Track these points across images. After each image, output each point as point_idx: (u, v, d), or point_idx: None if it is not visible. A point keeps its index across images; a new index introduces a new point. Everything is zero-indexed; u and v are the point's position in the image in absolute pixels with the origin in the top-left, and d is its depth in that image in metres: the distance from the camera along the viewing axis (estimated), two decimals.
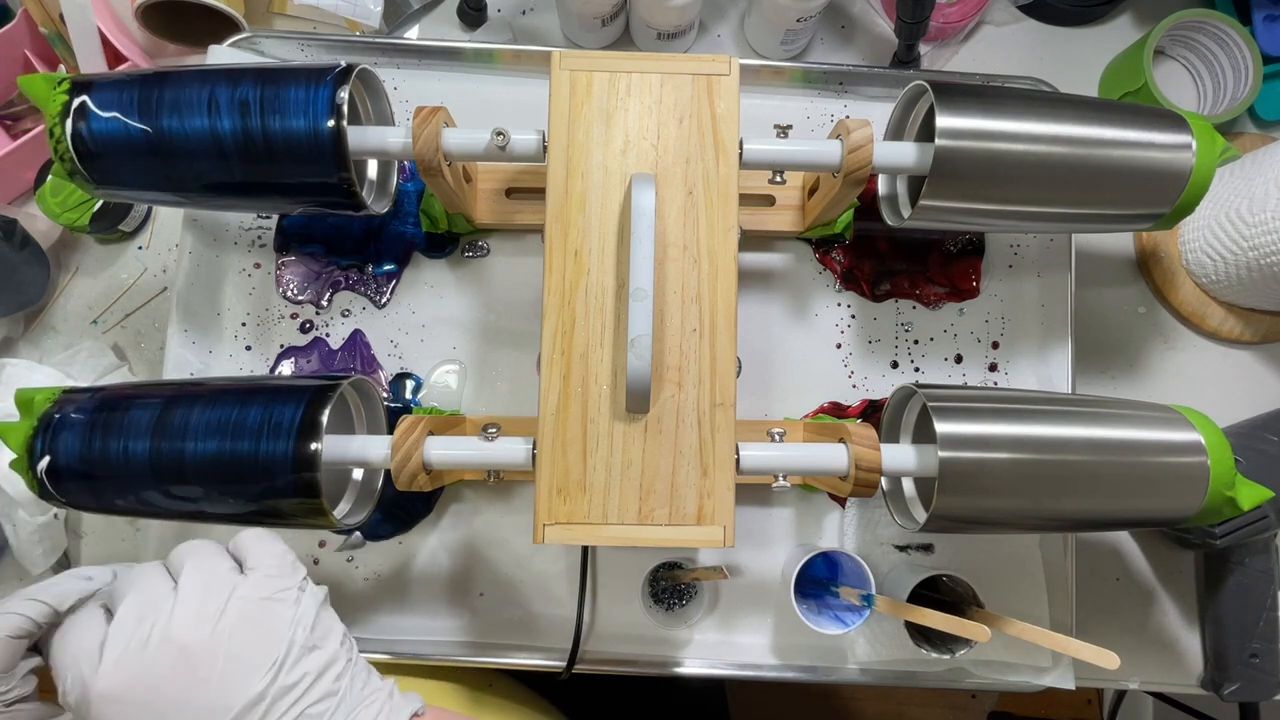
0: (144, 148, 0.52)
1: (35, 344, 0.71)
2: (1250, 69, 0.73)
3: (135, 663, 0.36)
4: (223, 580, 0.40)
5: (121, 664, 0.36)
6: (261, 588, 0.40)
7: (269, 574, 0.41)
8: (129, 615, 0.38)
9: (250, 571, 0.41)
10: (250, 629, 0.38)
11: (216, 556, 0.41)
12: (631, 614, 0.64)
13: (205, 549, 0.42)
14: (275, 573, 0.41)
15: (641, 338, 0.46)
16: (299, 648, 0.39)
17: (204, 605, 0.38)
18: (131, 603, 0.38)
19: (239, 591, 0.39)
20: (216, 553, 0.42)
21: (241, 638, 0.38)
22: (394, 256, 0.67)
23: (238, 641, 0.38)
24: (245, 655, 0.38)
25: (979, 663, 0.63)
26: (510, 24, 0.76)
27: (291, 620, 0.40)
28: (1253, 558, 0.67)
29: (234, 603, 0.39)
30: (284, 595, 0.40)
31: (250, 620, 0.38)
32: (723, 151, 0.53)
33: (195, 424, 0.49)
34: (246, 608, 0.39)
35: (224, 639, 0.37)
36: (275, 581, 0.40)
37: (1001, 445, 0.51)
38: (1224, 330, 0.73)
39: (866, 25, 0.79)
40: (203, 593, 0.39)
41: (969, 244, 0.69)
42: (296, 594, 0.41)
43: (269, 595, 0.40)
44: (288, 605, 0.40)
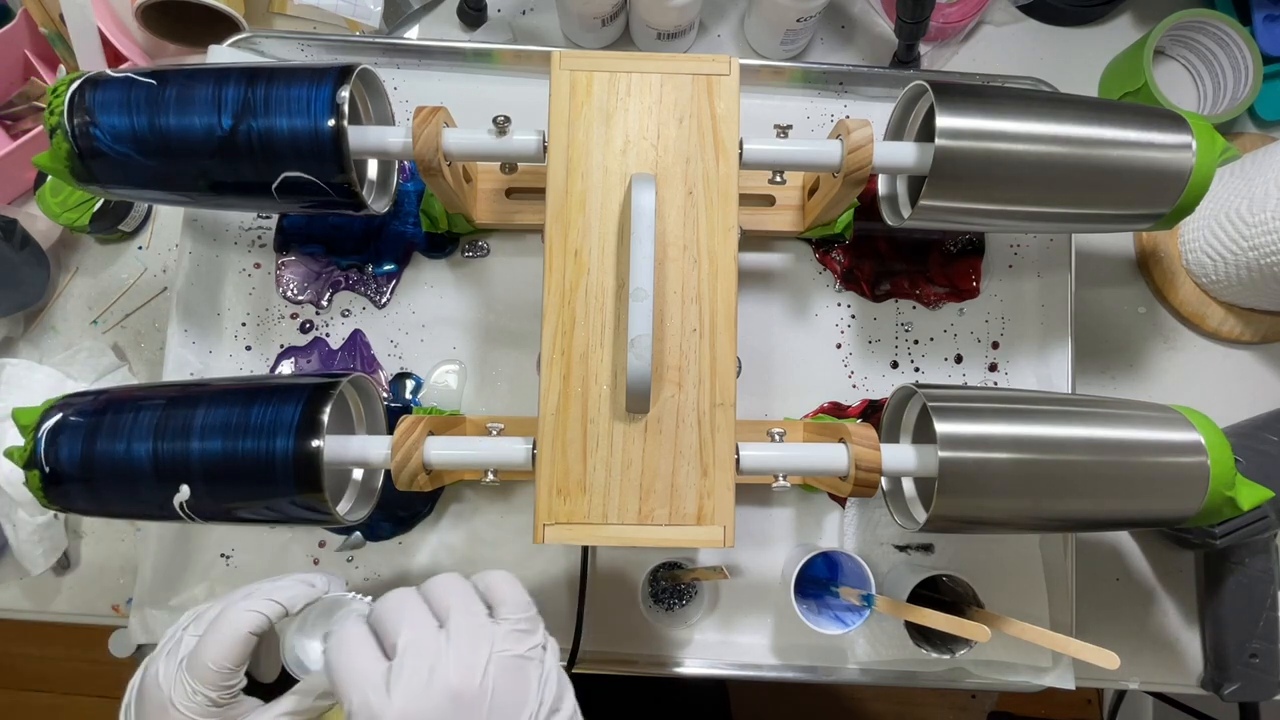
0: (144, 147, 0.52)
1: (35, 344, 0.71)
2: (1250, 69, 0.73)
3: (418, 703, 0.38)
4: (485, 631, 0.41)
5: (406, 701, 0.38)
6: (516, 643, 0.41)
7: (519, 628, 0.42)
8: (409, 652, 0.40)
9: (503, 622, 0.42)
10: (508, 685, 0.40)
11: (474, 600, 0.43)
12: (631, 614, 0.64)
13: (465, 590, 0.43)
14: (525, 626, 0.43)
15: (641, 338, 0.46)
16: (546, 709, 0.41)
17: (473, 655, 0.40)
18: (411, 640, 0.40)
19: (498, 645, 0.41)
20: (474, 596, 0.43)
21: (502, 693, 0.40)
22: (394, 256, 0.67)
23: (499, 697, 0.39)
24: (504, 709, 0.40)
25: (979, 663, 0.63)
26: (510, 24, 0.76)
27: (539, 680, 0.41)
28: (1253, 558, 0.67)
29: (496, 657, 0.40)
30: (533, 654, 0.42)
31: (507, 675, 0.40)
32: (723, 151, 0.53)
33: (196, 424, 0.49)
34: (505, 663, 0.40)
35: (488, 692, 0.39)
36: (526, 638, 0.42)
37: (1001, 445, 0.51)
38: (1224, 330, 0.73)
39: (866, 25, 0.79)
40: (470, 641, 0.40)
41: (969, 244, 0.69)
42: (541, 652, 0.43)
43: (522, 653, 0.41)
44: (535, 664, 0.42)
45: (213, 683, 0.43)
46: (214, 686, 0.43)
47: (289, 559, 0.64)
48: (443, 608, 0.42)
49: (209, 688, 0.43)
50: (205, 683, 0.43)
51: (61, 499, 0.51)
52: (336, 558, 0.65)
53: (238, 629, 0.43)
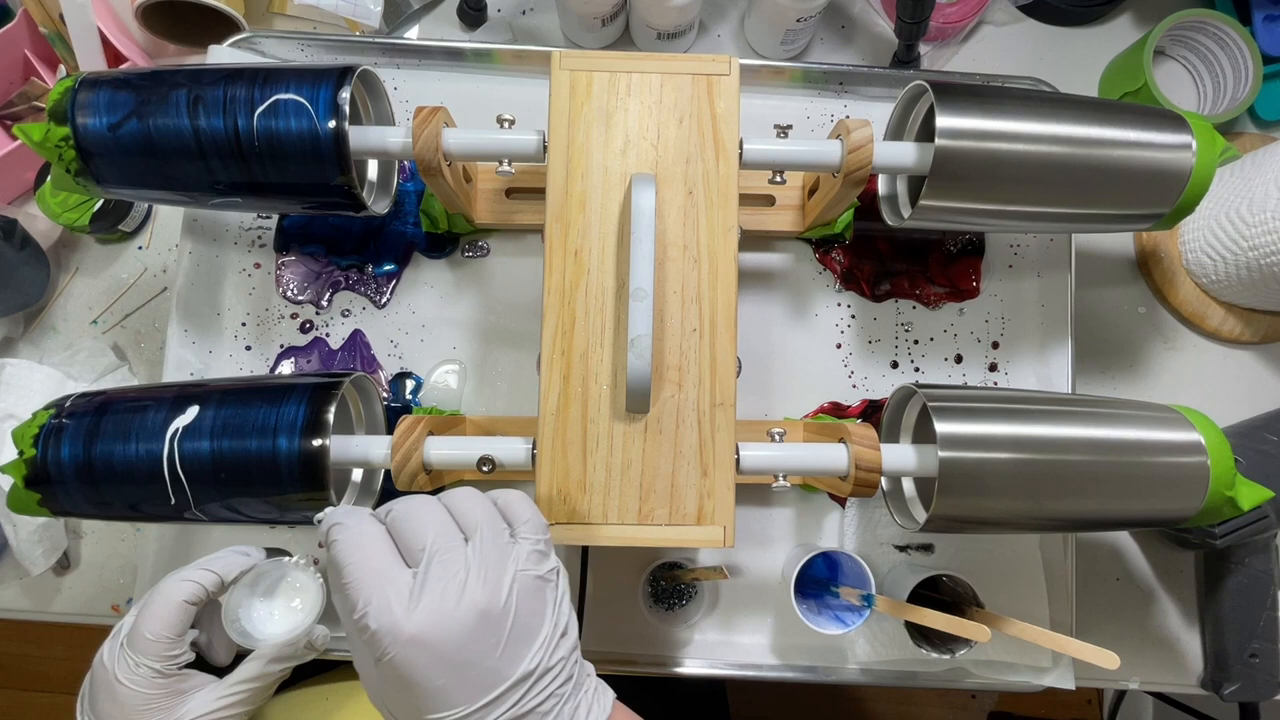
0: (143, 148, 0.52)
1: (35, 344, 0.71)
2: (1250, 69, 0.73)
3: (447, 615, 0.37)
4: (508, 551, 0.40)
5: (434, 614, 0.37)
6: (536, 564, 0.41)
7: (539, 549, 0.42)
8: (434, 565, 0.39)
9: (523, 541, 0.41)
10: (528, 605, 0.40)
11: (497, 518, 0.42)
12: (631, 614, 0.64)
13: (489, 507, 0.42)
14: (543, 548, 0.42)
15: (641, 338, 0.46)
16: (560, 631, 0.41)
17: (499, 575, 0.39)
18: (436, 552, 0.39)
19: (520, 565, 0.40)
20: (497, 514, 0.42)
21: (523, 613, 0.39)
22: (394, 256, 0.67)
23: (521, 616, 0.39)
24: (524, 631, 0.39)
25: (979, 663, 0.63)
26: (510, 24, 0.76)
27: (555, 603, 0.41)
28: (1253, 558, 0.67)
29: (518, 577, 0.40)
30: (550, 575, 0.41)
31: (528, 595, 0.40)
32: (723, 151, 0.53)
33: (199, 424, 0.49)
34: (526, 583, 0.40)
35: (511, 611, 0.39)
36: (544, 560, 0.41)
37: (1001, 445, 0.51)
38: (1224, 330, 0.73)
39: (866, 25, 0.79)
40: (496, 560, 0.40)
41: (969, 244, 0.69)
42: (556, 576, 0.42)
43: (541, 574, 0.41)
44: (552, 586, 0.41)
45: (153, 653, 0.43)
46: (155, 657, 0.43)
47: None
48: (469, 522, 0.41)
49: (150, 659, 0.43)
50: (146, 654, 0.43)
51: (57, 503, 0.51)
52: None
53: (171, 598, 0.44)
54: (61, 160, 0.53)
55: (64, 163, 0.53)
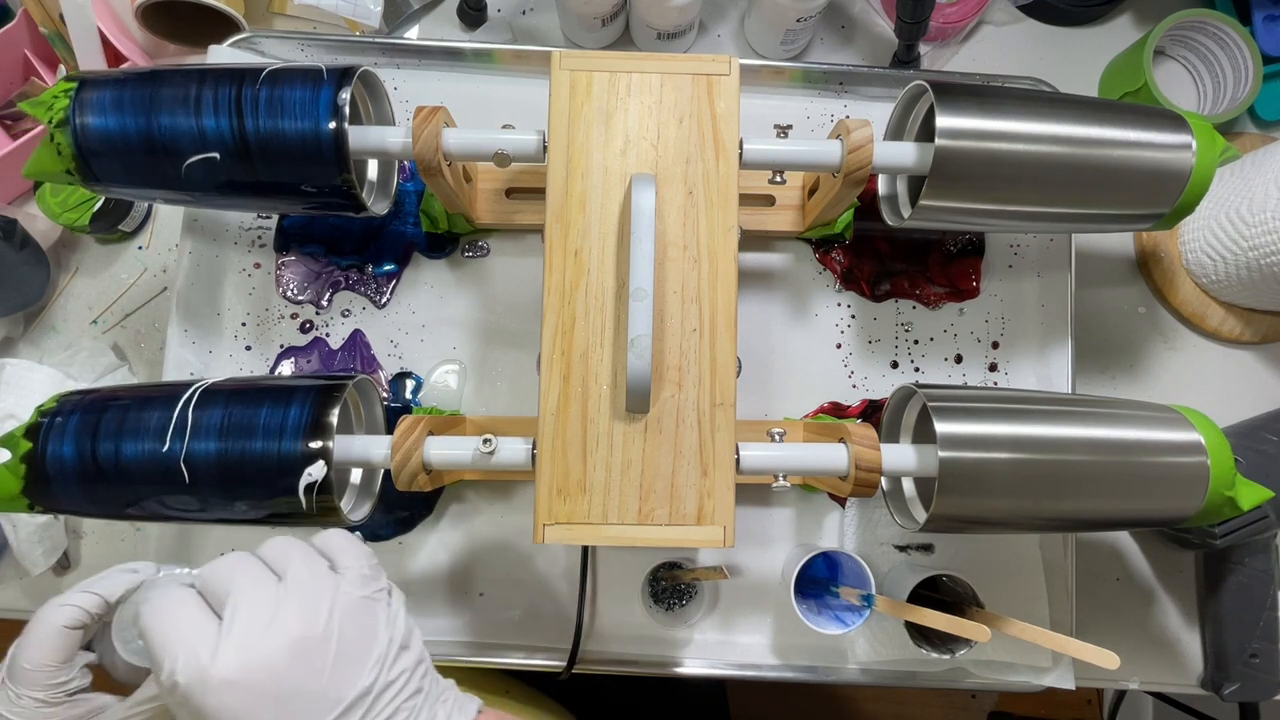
0: (144, 147, 0.52)
1: (35, 344, 0.71)
2: (1250, 69, 0.73)
3: (255, 651, 0.36)
4: (326, 578, 0.40)
5: (242, 651, 0.36)
6: (360, 587, 0.40)
7: (363, 573, 0.41)
8: (243, 605, 0.37)
9: (346, 570, 0.41)
10: (355, 625, 0.39)
11: (315, 555, 0.42)
12: (631, 614, 0.64)
13: (302, 547, 0.42)
14: (369, 572, 0.41)
15: (641, 338, 0.46)
16: (397, 645, 0.40)
17: (315, 602, 0.38)
18: (244, 592, 0.38)
19: (341, 588, 0.40)
20: (313, 551, 0.42)
21: (349, 634, 0.38)
22: (394, 256, 0.68)
23: (346, 637, 0.38)
24: (353, 651, 0.38)
25: (979, 663, 0.63)
26: (510, 24, 0.76)
27: (388, 619, 0.40)
28: (1253, 558, 0.67)
29: (340, 600, 0.39)
30: (379, 595, 0.41)
31: (354, 617, 0.39)
32: (723, 151, 0.53)
33: (201, 425, 0.49)
34: (350, 604, 0.39)
35: (334, 633, 0.38)
36: (370, 582, 0.41)
37: (1001, 445, 0.51)
38: (1224, 330, 0.73)
39: (866, 25, 0.79)
40: (312, 589, 0.39)
41: (969, 244, 0.69)
42: (387, 595, 0.42)
43: (368, 594, 0.40)
44: (382, 605, 0.41)
45: (35, 683, 0.41)
46: (38, 687, 0.41)
47: None
48: (280, 564, 0.40)
49: (33, 689, 0.41)
50: (26, 684, 0.41)
51: (55, 501, 0.51)
52: None
53: (51, 624, 0.42)
54: (60, 157, 0.53)
55: (61, 160, 0.53)
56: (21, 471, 0.50)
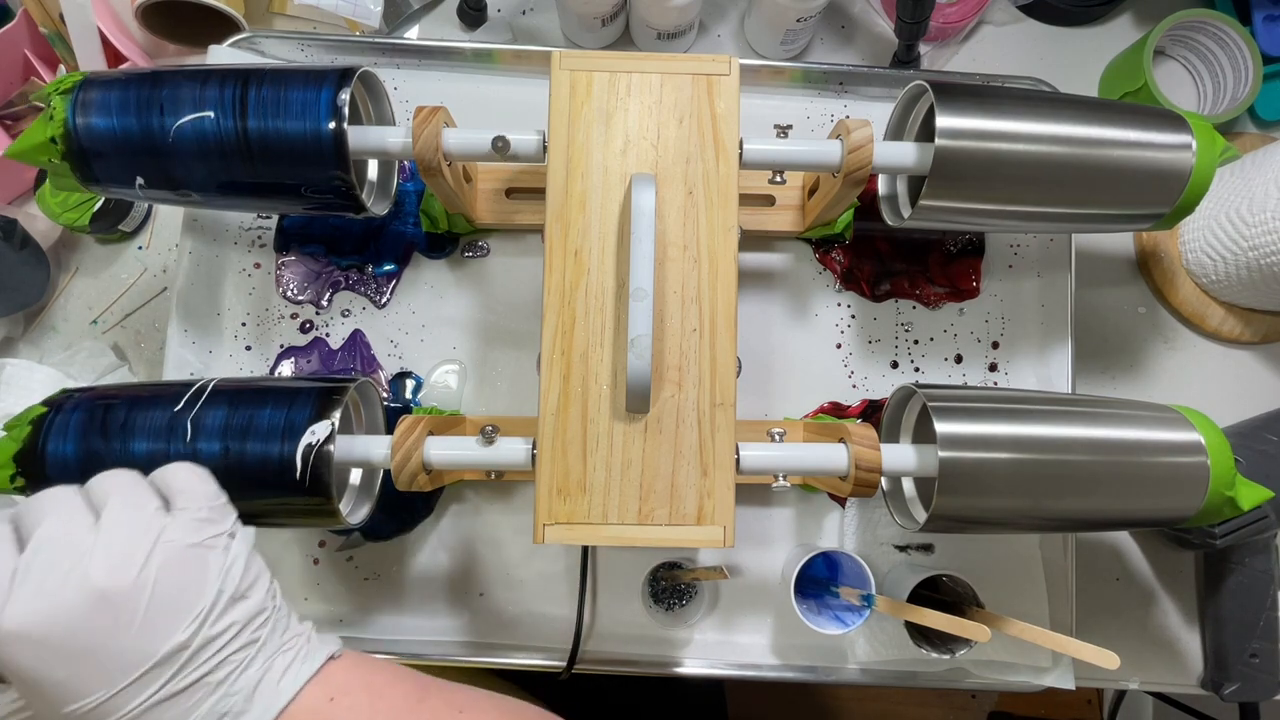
0: (143, 147, 0.52)
1: (35, 344, 0.71)
2: (1250, 69, 0.73)
3: (50, 602, 0.33)
4: (149, 522, 0.37)
5: (35, 602, 0.33)
6: (191, 532, 0.37)
7: (199, 516, 0.38)
8: (44, 549, 0.35)
9: (179, 513, 0.38)
10: (176, 576, 0.36)
11: (143, 493, 0.38)
12: (631, 614, 0.64)
13: (130, 483, 0.38)
14: (206, 515, 0.38)
15: (641, 338, 0.46)
16: (227, 597, 0.37)
17: (129, 549, 0.35)
18: (47, 536, 0.35)
19: (166, 535, 0.36)
20: (142, 488, 0.38)
21: (166, 586, 0.35)
22: (394, 256, 0.68)
23: (162, 590, 0.35)
24: (169, 604, 0.35)
25: (979, 663, 0.63)
26: (510, 24, 0.76)
27: (221, 569, 0.37)
28: (1253, 558, 0.67)
29: (160, 548, 0.36)
30: (215, 542, 0.38)
31: (177, 567, 0.36)
32: (723, 151, 0.53)
33: (202, 425, 0.49)
34: (173, 553, 0.36)
35: (147, 586, 0.35)
36: (206, 527, 0.38)
37: (1001, 445, 0.51)
38: (1224, 330, 0.73)
39: (866, 25, 0.79)
40: (127, 535, 0.36)
41: (969, 244, 0.69)
42: (227, 540, 0.38)
43: (199, 541, 0.37)
44: (218, 552, 0.38)
45: None
46: None
47: (289, 558, 0.64)
48: (100, 500, 0.37)
49: None
50: None
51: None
52: (336, 557, 0.65)
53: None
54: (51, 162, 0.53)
55: (63, 162, 0.53)
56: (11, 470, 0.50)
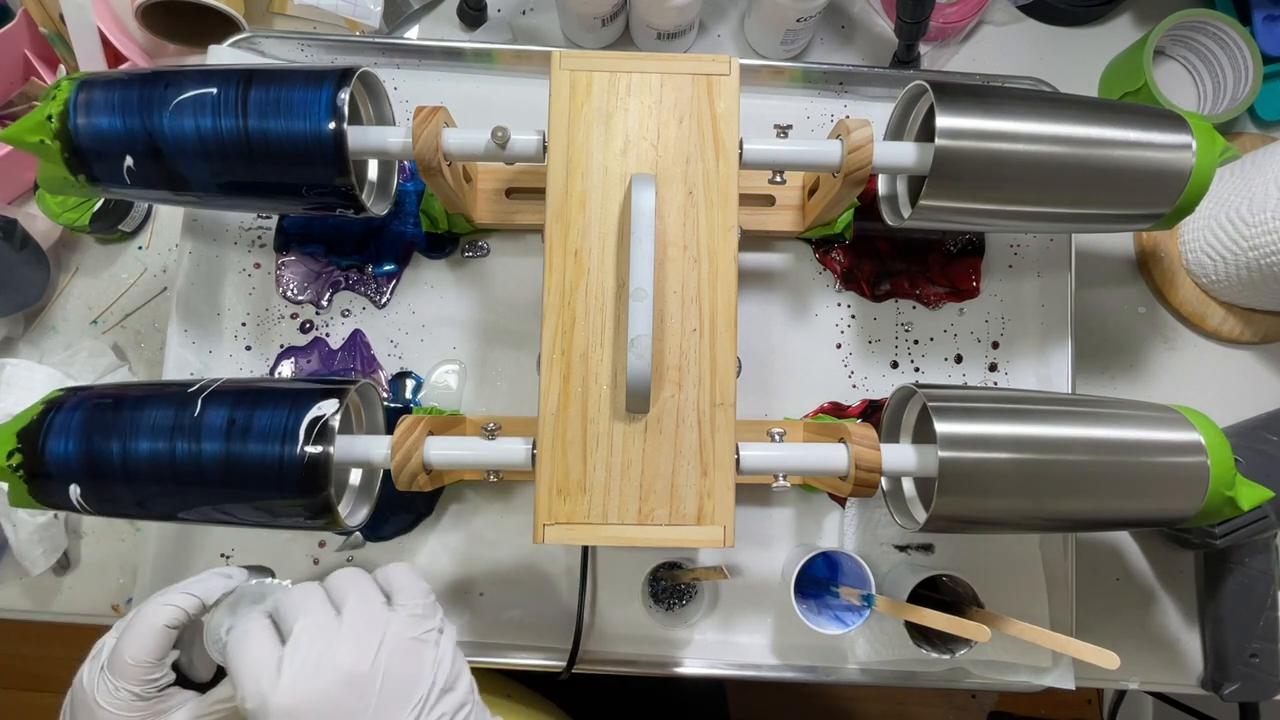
0: (143, 149, 0.52)
1: (35, 344, 0.71)
2: (1250, 69, 0.73)
3: (309, 683, 0.40)
4: (380, 616, 0.43)
5: (297, 682, 0.40)
6: (410, 627, 0.43)
7: (415, 613, 0.44)
8: (304, 637, 0.41)
9: (400, 608, 0.44)
10: (401, 665, 0.42)
11: (372, 590, 0.45)
12: (631, 614, 0.64)
13: (364, 581, 0.45)
14: (421, 612, 0.44)
15: (641, 338, 0.46)
16: (438, 690, 0.42)
17: (367, 638, 0.42)
18: (306, 626, 0.42)
19: (392, 628, 0.43)
20: (372, 586, 0.45)
21: (394, 673, 0.41)
22: (394, 256, 0.67)
23: (392, 676, 0.41)
24: (396, 689, 0.41)
25: (979, 663, 0.63)
26: (510, 24, 0.76)
27: (434, 662, 0.43)
28: (1253, 558, 0.67)
29: (389, 639, 0.42)
30: (428, 636, 0.44)
31: (401, 657, 0.42)
32: (723, 151, 0.53)
33: (201, 425, 0.49)
34: (399, 645, 0.42)
35: (380, 671, 0.41)
36: (421, 622, 0.44)
37: (1002, 445, 0.51)
38: (1224, 330, 0.73)
39: (866, 25, 0.79)
40: (366, 625, 0.42)
41: (969, 244, 0.69)
42: (437, 635, 0.44)
43: (416, 635, 0.43)
44: (430, 647, 0.43)
45: (134, 678, 0.43)
46: (135, 681, 0.44)
47: (289, 559, 0.64)
48: (341, 596, 0.44)
49: (130, 683, 0.43)
50: (126, 678, 0.43)
51: (52, 497, 0.51)
52: (336, 558, 0.65)
53: (153, 623, 0.44)
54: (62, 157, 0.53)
55: (63, 164, 0.53)
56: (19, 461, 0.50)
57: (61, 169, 0.53)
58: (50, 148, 0.52)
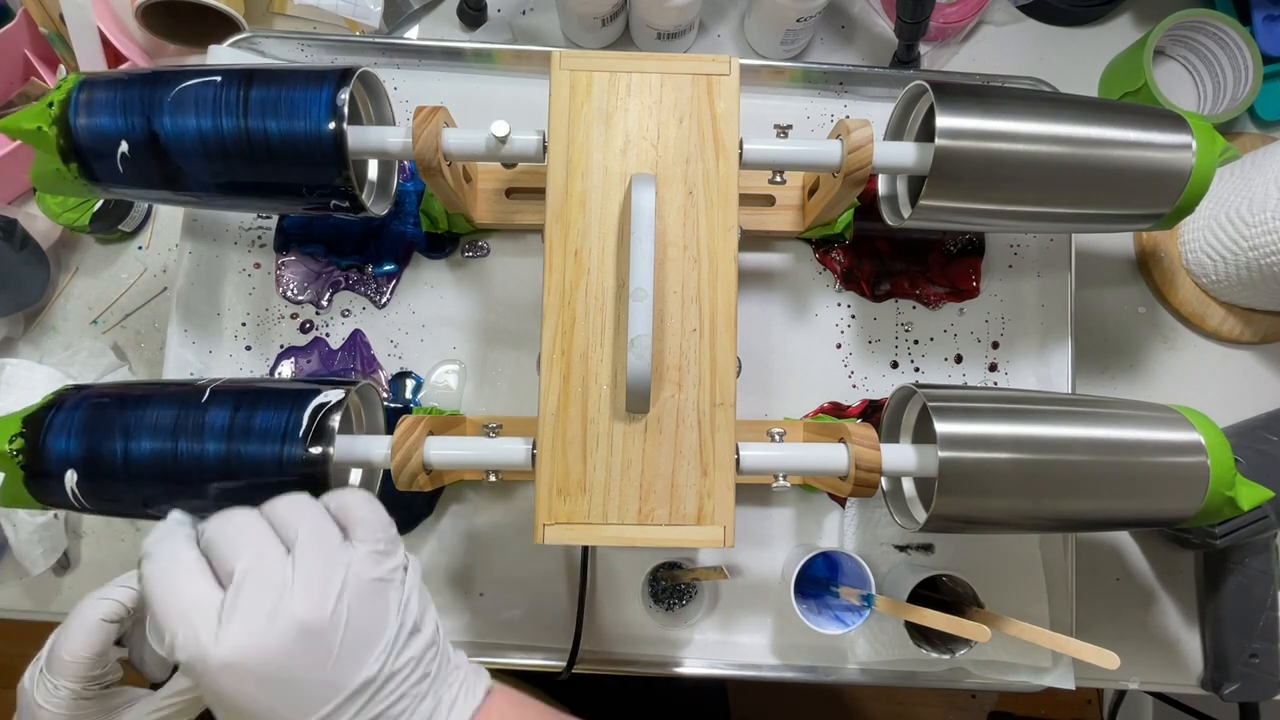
0: (143, 149, 0.52)
1: (35, 344, 0.71)
2: (1250, 69, 0.73)
3: (258, 636, 0.35)
4: (337, 556, 0.38)
5: (244, 636, 0.35)
6: (373, 566, 0.39)
7: (378, 549, 0.40)
8: (249, 581, 0.36)
9: (359, 544, 0.39)
10: (363, 610, 0.38)
11: (327, 523, 0.40)
12: (631, 614, 0.64)
13: (314, 513, 0.40)
14: (384, 548, 0.40)
15: (641, 338, 0.46)
16: (406, 631, 0.39)
17: (324, 581, 0.37)
18: (251, 566, 0.37)
19: (353, 569, 0.38)
20: (325, 518, 0.40)
21: (356, 619, 0.37)
22: (394, 256, 0.68)
23: (353, 623, 0.37)
24: (359, 638, 0.37)
25: (979, 663, 0.63)
26: (510, 24, 0.76)
27: (400, 603, 0.39)
28: (1253, 558, 0.67)
29: (350, 581, 0.38)
30: (393, 575, 0.40)
31: (363, 600, 0.38)
32: (723, 151, 0.53)
33: (201, 425, 0.49)
34: (360, 587, 0.38)
35: (341, 619, 0.37)
36: (385, 560, 0.39)
37: (1001, 445, 0.51)
38: (1224, 330, 0.73)
39: (866, 25, 0.79)
40: (322, 566, 0.37)
41: (969, 244, 0.69)
42: (403, 573, 0.40)
43: (380, 575, 0.39)
44: (395, 586, 0.39)
45: (72, 674, 0.41)
46: (74, 679, 0.41)
47: None
48: (290, 531, 0.39)
49: (69, 680, 0.41)
50: (64, 675, 0.41)
51: (51, 496, 0.51)
52: None
53: (89, 618, 0.42)
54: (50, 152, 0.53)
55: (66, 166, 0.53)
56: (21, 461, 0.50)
57: (56, 159, 0.53)
58: (47, 134, 0.52)
